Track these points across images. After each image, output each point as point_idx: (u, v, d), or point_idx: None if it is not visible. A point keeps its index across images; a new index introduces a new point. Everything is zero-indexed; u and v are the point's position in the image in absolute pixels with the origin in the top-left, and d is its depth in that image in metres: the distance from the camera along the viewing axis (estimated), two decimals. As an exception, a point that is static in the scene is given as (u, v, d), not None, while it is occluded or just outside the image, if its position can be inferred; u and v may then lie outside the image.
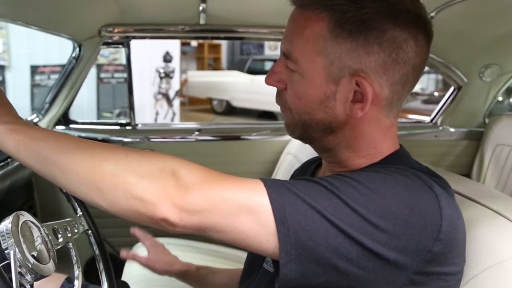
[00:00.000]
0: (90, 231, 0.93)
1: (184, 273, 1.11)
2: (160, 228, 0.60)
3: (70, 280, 1.10)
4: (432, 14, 1.71)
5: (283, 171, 1.95)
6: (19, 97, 4.89)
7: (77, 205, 0.93)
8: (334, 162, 0.77)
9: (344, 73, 0.68)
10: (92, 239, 0.94)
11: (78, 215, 0.92)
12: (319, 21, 0.68)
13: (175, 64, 7.09)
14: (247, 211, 0.59)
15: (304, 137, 0.76)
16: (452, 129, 2.33)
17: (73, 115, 2.07)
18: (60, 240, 0.80)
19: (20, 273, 0.64)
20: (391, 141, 0.75)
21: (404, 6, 0.68)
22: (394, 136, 0.76)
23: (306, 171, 0.93)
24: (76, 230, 0.87)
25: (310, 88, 0.70)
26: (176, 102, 7.35)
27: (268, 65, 9.97)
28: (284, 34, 0.73)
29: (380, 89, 0.69)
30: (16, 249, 0.64)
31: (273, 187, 0.60)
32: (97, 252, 0.94)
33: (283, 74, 0.73)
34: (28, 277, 0.66)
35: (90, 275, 1.82)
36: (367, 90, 0.67)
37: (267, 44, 11.83)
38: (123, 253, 1.15)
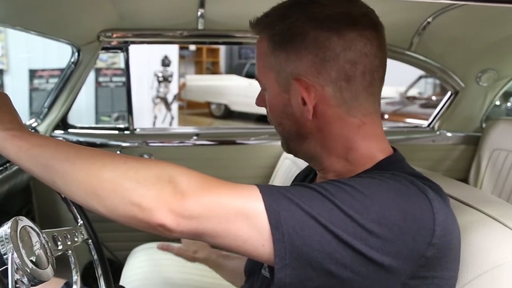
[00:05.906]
0: (90, 240, 0.93)
1: (206, 259, 1.26)
2: (157, 234, 0.61)
3: (68, 285, 1.10)
4: (429, 20, 1.73)
5: (281, 176, 1.95)
6: (18, 101, 4.87)
7: (77, 213, 0.93)
8: (323, 170, 0.79)
9: (289, 80, 0.74)
10: (91, 245, 0.94)
11: (78, 224, 0.92)
12: (262, 41, 0.76)
13: (174, 68, 7.09)
14: (243, 217, 0.60)
15: (289, 150, 0.82)
16: (449, 134, 2.34)
17: (71, 118, 2.07)
18: (60, 247, 0.80)
19: (18, 278, 0.65)
20: (377, 144, 0.75)
21: (326, 10, 0.71)
22: (379, 139, 0.76)
23: (306, 177, 0.94)
24: (76, 239, 0.87)
25: (272, 100, 0.78)
26: (175, 106, 7.34)
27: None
28: None
29: (321, 89, 0.72)
30: (15, 254, 0.64)
31: (268, 193, 0.61)
32: (95, 257, 0.94)
33: (263, 94, 0.81)
34: (26, 280, 0.66)
35: (88, 279, 1.82)
36: (303, 92, 0.72)
37: (265, 48, 11.83)
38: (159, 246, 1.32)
